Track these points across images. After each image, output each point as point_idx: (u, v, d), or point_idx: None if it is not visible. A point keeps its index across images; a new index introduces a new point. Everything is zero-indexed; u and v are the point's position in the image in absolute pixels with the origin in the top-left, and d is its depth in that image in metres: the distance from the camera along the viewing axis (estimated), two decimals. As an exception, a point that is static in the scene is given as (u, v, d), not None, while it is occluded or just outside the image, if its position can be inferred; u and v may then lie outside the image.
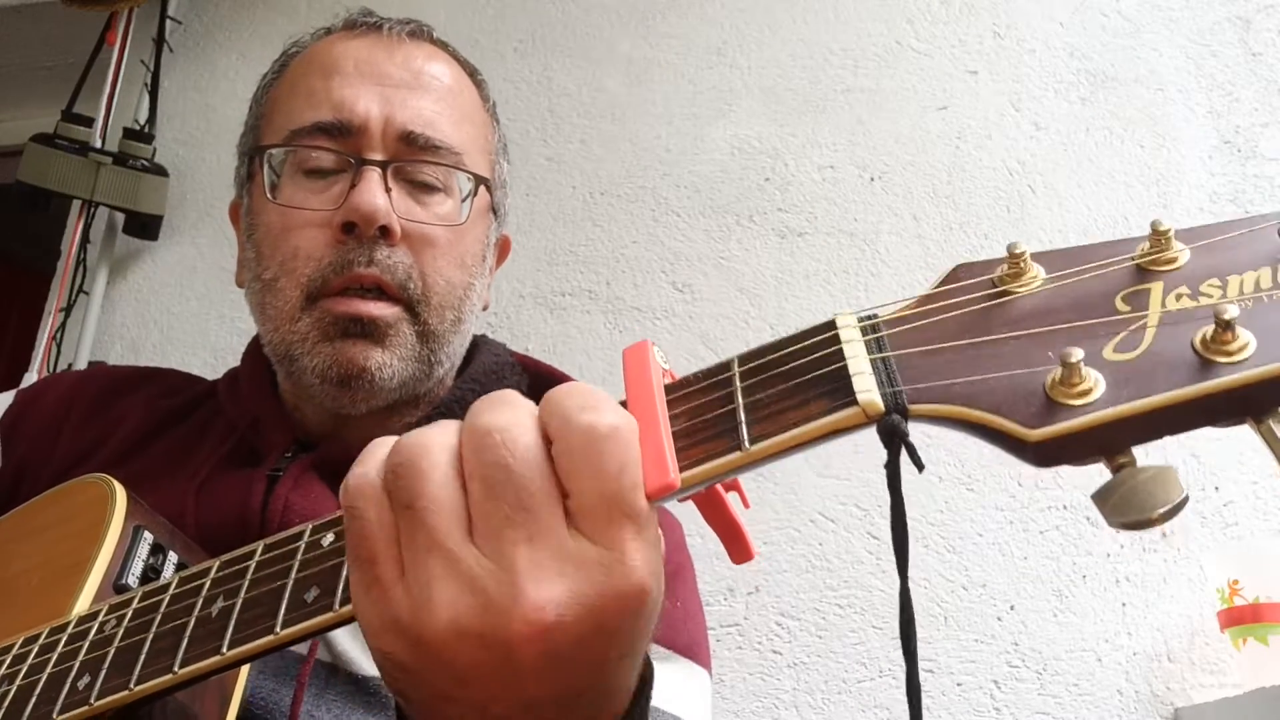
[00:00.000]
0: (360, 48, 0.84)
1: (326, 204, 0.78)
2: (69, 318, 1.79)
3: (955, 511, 1.39)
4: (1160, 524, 0.33)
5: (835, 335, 0.40)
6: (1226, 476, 1.36)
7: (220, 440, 0.83)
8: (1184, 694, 1.26)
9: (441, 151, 0.81)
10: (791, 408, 0.38)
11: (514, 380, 0.89)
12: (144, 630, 0.49)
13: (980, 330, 0.38)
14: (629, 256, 1.66)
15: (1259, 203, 1.51)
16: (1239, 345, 0.33)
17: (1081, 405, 0.34)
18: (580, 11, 1.86)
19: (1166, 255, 0.37)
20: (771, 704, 1.34)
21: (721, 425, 0.39)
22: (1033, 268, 0.39)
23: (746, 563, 0.44)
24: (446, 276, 0.81)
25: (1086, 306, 0.37)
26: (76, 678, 0.49)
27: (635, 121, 1.75)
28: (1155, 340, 0.35)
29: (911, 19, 1.72)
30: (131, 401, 0.90)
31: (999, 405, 0.35)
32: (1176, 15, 1.65)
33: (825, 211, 1.62)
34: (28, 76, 2.20)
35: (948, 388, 0.36)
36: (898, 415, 0.37)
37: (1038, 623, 1.33)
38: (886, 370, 0.38)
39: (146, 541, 0.63)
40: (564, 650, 0.37)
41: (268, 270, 0.80)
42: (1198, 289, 0.36)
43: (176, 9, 1.99)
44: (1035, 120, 1.62)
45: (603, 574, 0.37)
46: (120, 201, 1.79)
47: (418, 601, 0.37)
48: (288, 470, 0.77)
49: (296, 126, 0.81)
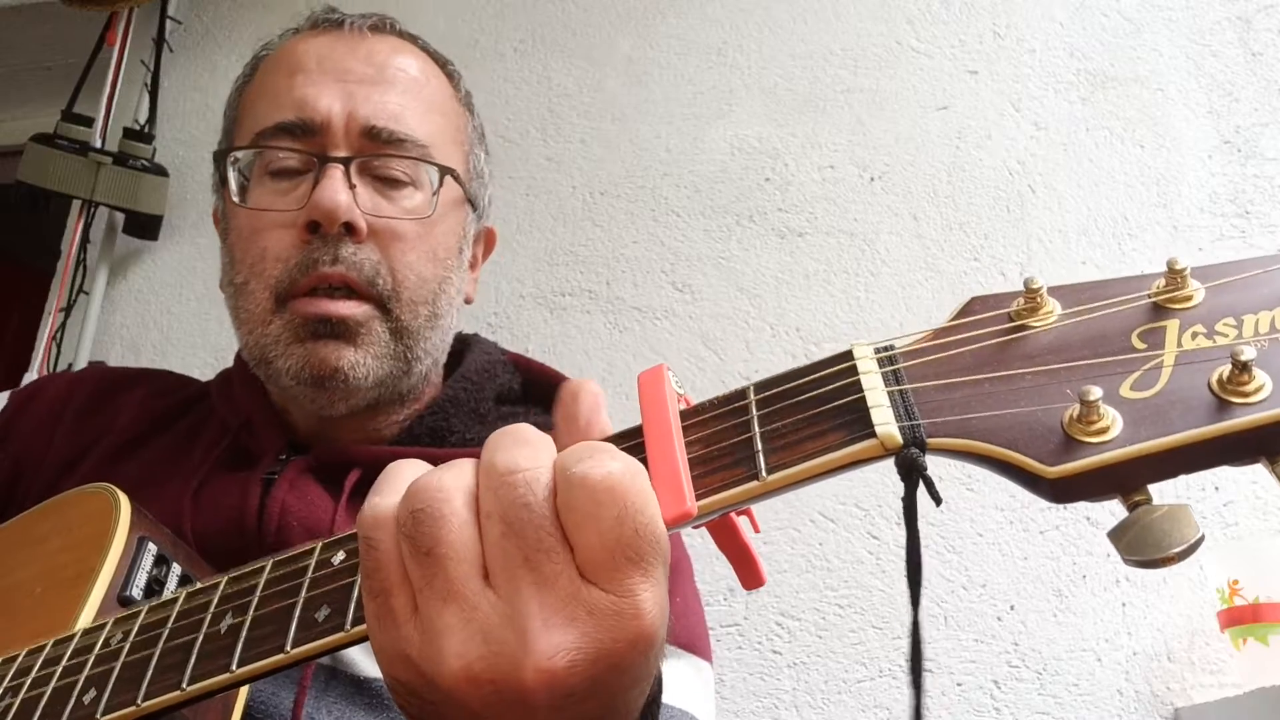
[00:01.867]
0: (322, 45, 0.83)
1: (292, 204, 0.78)
2: (69, 318, 1.79)
3: (955, 511, 1.39)
4: (1176, 563, 0.33)
5: (853, 366, 0.40)
6: (1226, 477, 1.36)
7: (214, 442, 0.83)
8: (1184, 694, 1.26)
9: (406, 145, 0.81)
10: (809, 438, 0.38)
11: (506, 379, 0.89)
12: (151, 645, 0.49)
13: (997, 365, 0.38)
14: (629, 256, 1.66)
15: (1259, 202, 1.51)
16: (1255, 386, 0.33)
17: (1099, 443, 0.34)
18: (580, 11, 1.86)
19: (1182, 293, 0.37)
20: (771, 704, 1.34)
21: (738, 454, 0.39)
22: (1048, 302, 0.39)
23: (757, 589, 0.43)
24: (417, 271, 0.80)
25: (1103, 343, 0.37)
26: (82, 692, 0.49)
27: (635, 121, 1.75)
28: (1172, 379, 0.35)
29: (911, 19, 1.72)
30: (125, 401, 0.90)
31: (1016, 441, 0.35)
32: (1176, 15, 1.65)
33: (825, 211, 1.62)
34: (28, 76, 2.20)
35: (965, 422, 0.36)
36: (916, 449, 0.36)
37: (1038, 623, 1.33)
38: (904, 403, 0.38)
39: (150, 553, 0.62)
40: (577, 690, 0.37)
41: (239, 274, 0.80)
42: (1213, 328, 0.36)
43: (176, 9, 1.99)
44: (1035, 120, 1.62)
45: (614, 620, 0.37)
46: (120, 201, 1.79)
47: (430, 645, 0.38)
48: (283, 473, 0.77)
49: (261, 128, 0.80)
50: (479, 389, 0.85)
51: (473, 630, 0.37)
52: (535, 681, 0.36)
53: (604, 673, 0.38)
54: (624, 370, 1.58)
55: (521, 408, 0.89)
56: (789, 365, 0.42)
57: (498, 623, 0.37)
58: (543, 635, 0.36)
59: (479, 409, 0.85)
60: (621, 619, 0.37)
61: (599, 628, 0.37)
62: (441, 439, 0.82)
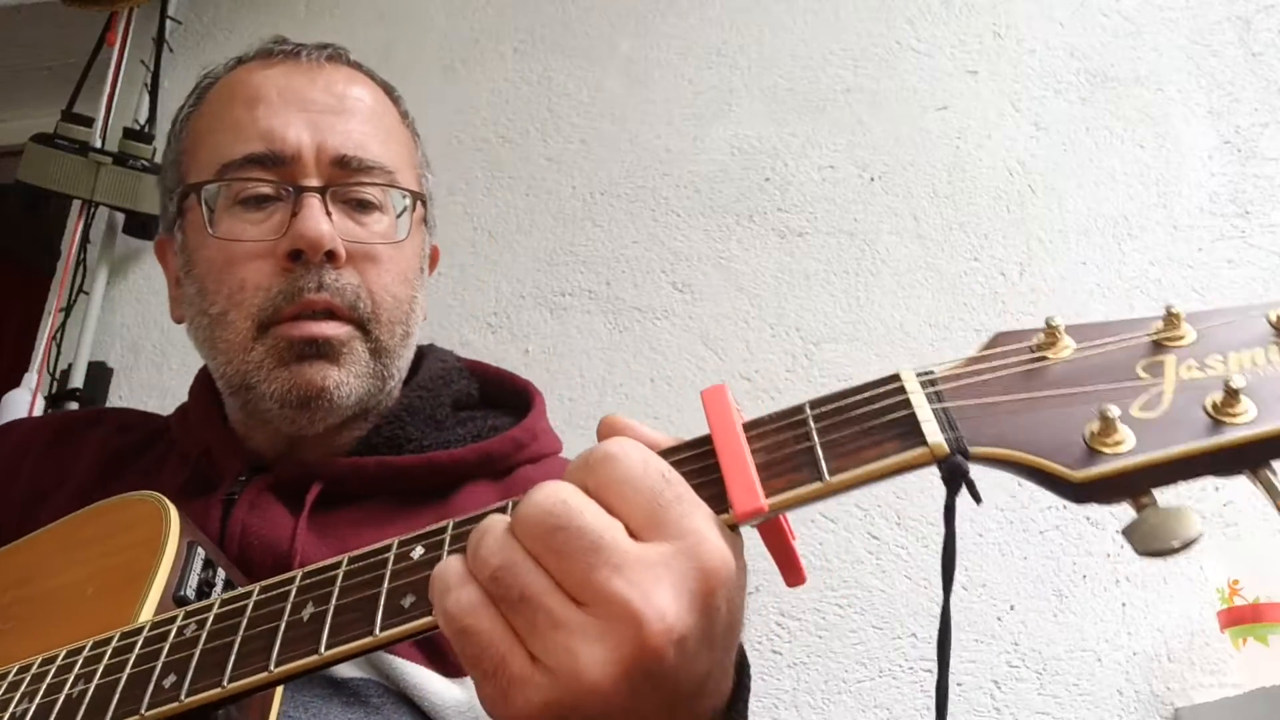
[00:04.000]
0: (279, 75, 0.84)
1: (268, 234, 0.79)
2: (69, 318, 1.80)
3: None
4: (1179, 553, 0.41)
5: (901, 387, 0.46)
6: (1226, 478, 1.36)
7: (176, 473, 0.84)
8: (1184, 694, 1.27)
9: (375, 171, 0.82)
10: (866, 447, 0.45)
11: (463, 385, 0.90)
12: (231, 633, 0.51)
13: (1024, 389, 0.45)
14: (629, 256, 1.66)
15: (1259, 202, 1.51)
16: (1242, 410, 0.40)
17: (1116, 454, 0.41)
18: (580, 11, 1.86)
19: (1177, 333, 0.45)
20: (771, 704, 1.34)
21: (801, 460, 0.45)
22: (1065, 338, 0.46)
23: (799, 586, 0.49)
24: (393, 293, 0.82)
25: (1113, 372, 0.44)
26: (161, 676, 0.51)
27: (635, 121, 1.75)
28: (1173, 403, 0.42)
29: (911, 19, 1.73)
30: (88, 440, 0.91)
31: (1047, 451, 0.43)
32: (1176, 15, 1.65)
33: (825, 211, 1.62)
34: (28, 76, 2.20)
35: (1002, 435, 0.44)
36: (960, 456, 0.43)
37: (1038, 623, 1.33)
38: (947, 418, 0.45)
39: (200, 557, 0.64)
40: (690, 633, 0.41)
41: (215, 305, 0.80)
42: (1204, 362, 0.43)
43: (176, 9, 1.99)
44: (1035, 120, 1.62)
45: (687, 558, 0.42)
46: (120, 201, 1.79)
47: (567, 674, 0.41)
48: (242, 493, 0.78)
49: (227, 160, 0.81)
50: (435, 396, 0.87)
51: (591, 636, 0.41)
52: (662, 640, 0.40)
53: (704, 607, 0.42)
54: (624, 370, 1.58)
55: (480, 412, 0.90)
56: (789, 365, 0.45)
57: (603, 619, 0.41)
58: (646, 606, 0.40)
59: (435, 415, 0.86)
60: (695, 553, 0.42)
61: (682, 570, 0.41)
62: (399, 447, 0.83)
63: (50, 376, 1.75)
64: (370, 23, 1.93)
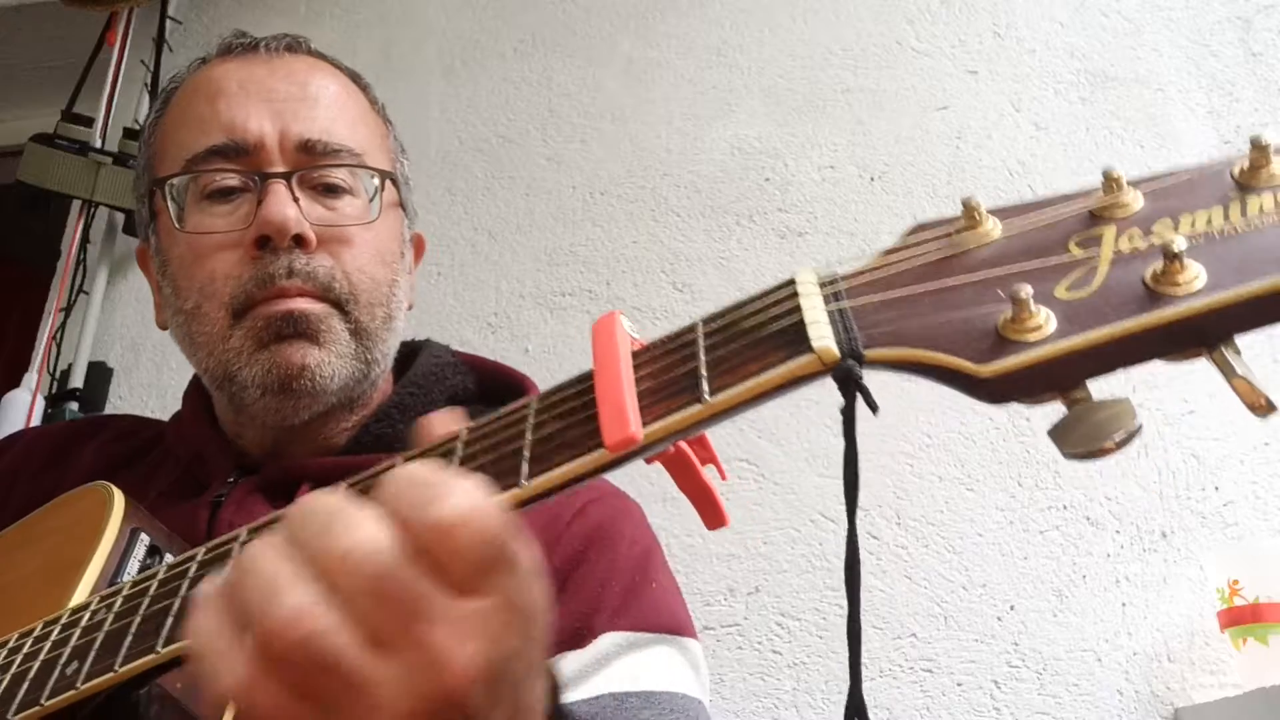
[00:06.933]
0: (240, 68, 0.84)
1: (236, 224, 0.78)
2: (69, 318, 1.80)
3: (955, 511, 1.39)
4: (1115, 452, 0.34)
5: (794, 292, 0.41)
6: (1226, 477, 1.36)
7: (168, 476, 0.84)
8: (1184, 694, 1.26)
9: (342, 154, 0.82)
10: (750, 360, 0.40)
11: (458, 380, 0.89)
12: (131, 614, 0.50)
13: (935, 278, 0.39)
14: (629, 256, 1.66)
15: (1259, 203, 1.51)
16: (1189, 278, 0.34)
17: (1032, 341, 0.35)
18: (580, 11, 1.86)
19: (1120, 201, 0.38)
20: (771, 704, 1.34)
21: (684, 383, 0.41)
22: (989, 221, 0.40)
23: (721, 529, 0.45)
24: (370, 273, 0.81)
25: (1039, 251, 0.38)
26: (66, 664, 0.50)
27: (635, 121, 1.75)
28: (1107, 278, 0.36)
29: (911, 19, 1.73)
30: (86, 449, 0.91)
31: (951, 345, 0.37)
32: (1176, 15, 1.65)
33: (825, 211, 1.62)
34: (28, 76, 2.20)
35: (900, 333, 0.38)
36: (853, 360, 0.38)
37: (1038, 623, 1.33)
38: (843, 321, 0.39)
39: (143, 543, 0.63)
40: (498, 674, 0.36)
41: (188, 300, 0.80)
42: (1149, 229, 0.37)
43: (176, 9, 1.99)
44: (1035, 120, 1.62)
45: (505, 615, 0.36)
46: (120, 201, 1.79)
47: None
48: (230, 494, 0.78)
49: (191, 154, 0.80)
50: (426, 392, 0.86)
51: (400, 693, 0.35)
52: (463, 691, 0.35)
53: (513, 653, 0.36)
54: (624, 370, 1.58)
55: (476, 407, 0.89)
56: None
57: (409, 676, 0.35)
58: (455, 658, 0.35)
59: (428, 412, 0.86)
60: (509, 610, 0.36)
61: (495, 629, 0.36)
62: (389, 446, 0.82)
63: (50, 376, 1.75)
64: (370, 23, 1.93)
